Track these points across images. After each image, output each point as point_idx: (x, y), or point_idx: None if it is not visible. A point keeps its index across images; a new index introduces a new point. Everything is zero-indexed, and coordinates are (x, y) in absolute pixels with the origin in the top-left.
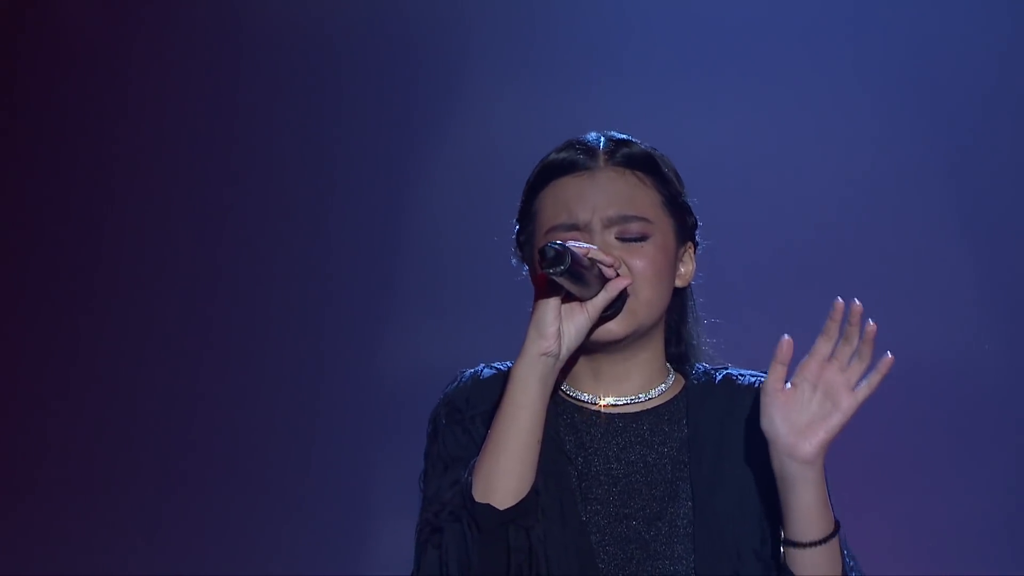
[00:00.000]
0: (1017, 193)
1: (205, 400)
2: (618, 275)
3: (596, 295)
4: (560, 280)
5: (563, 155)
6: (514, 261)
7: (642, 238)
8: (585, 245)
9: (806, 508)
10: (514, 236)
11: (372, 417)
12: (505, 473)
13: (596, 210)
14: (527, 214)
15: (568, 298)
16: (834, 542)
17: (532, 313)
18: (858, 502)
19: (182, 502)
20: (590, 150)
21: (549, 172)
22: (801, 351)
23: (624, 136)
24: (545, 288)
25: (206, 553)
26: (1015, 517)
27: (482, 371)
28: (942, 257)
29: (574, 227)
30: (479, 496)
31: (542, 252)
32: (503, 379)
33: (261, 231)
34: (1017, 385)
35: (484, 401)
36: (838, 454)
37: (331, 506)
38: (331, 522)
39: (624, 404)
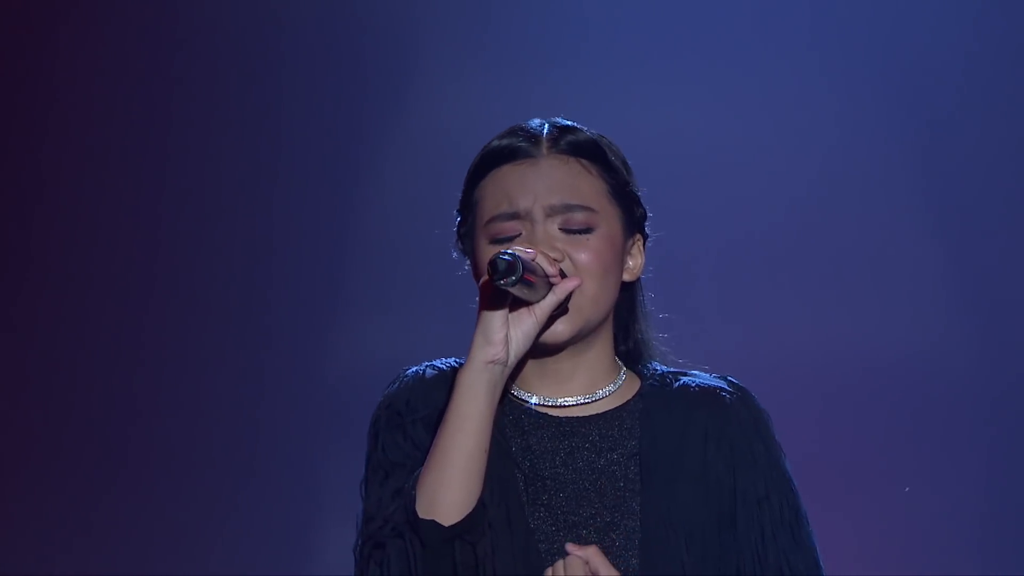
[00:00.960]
0: (985, 188)
1: (142, 401)
2: (564, 275)
3: (543, 298)
4: (510, 290)
5: (504, 142)
6: (455, 254)
7: (587, 229)
8: (531, 250)
9: None
10: (455, 228)
11: (317, 417)
12: (450, 487)
13: (538, 198)
14: (468, 204)
15: (515, 301)
16: None
17: (478, 318)
18: (826, 500)
19: (120, 504)
20: (533, 137)
21: (490, 160)
22: (766, 347)
23: (569, 123)
24: (491, 292)
25: (146, 554)
26: (983, 515)
27: (424, 371)
28: (909, 252)
29: (515, 216)
30: (423, 511)
31: (492, 264)
32: (446, 380)
33: (204, 226)
34: (985, 381)
35: (426, 404)
36: (807, 451)
37: (274, 511)
38: (274, 528)
39: (572, 405)
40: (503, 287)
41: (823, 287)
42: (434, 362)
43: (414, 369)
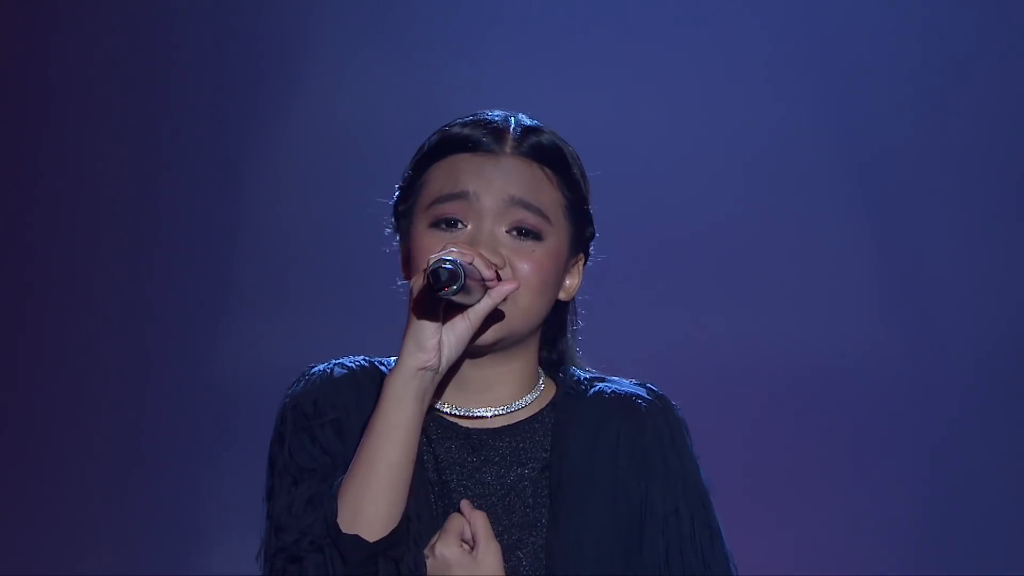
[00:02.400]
0: (918, 188)
1: (25, 399)
2: (500, 278)
3: (478, 301)
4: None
5: (466, 132)
6: (388, 231)
7: (536, 236)
8: (468, 253)
9: None
10: (392, 203)
11: (207, 421)
12: (375, 500)
13: (493, 188)
14: (412, 184)
15: (449, 305)
16: None
17: (408, 322)
18: (757, 504)
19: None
20: (498, 132)
21: (448, 146)
22: (696, 353)
23: (535, 123)
24: (423, 295)
25: (25, 555)
26: (916, 517)
27: (332, 370)
28: (842, 255)
29: (463, 197)
30: (346, 525)
31: (434, 274)
32: (356, 380)
33: (87, 220)
34: (917, 384)
35: (336, 405)
36: (738, 456)
37: (159, 512)
38: (159, 536)
39: (485, 417)
40: (445, 296)
41: (754, 290)
42: (342, 360)
43: (320, 367)
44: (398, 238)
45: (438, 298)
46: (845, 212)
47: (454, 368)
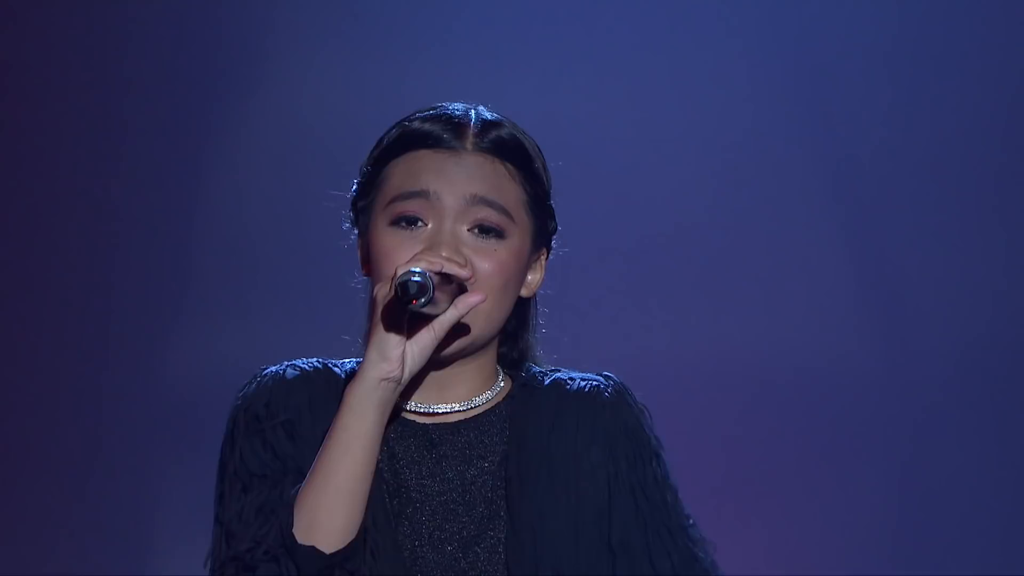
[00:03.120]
0: (888, 191)
1: None
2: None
3: (444, 311)
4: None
5: (427, 127)
6: (346, 225)
7: (498, 234)
8: (436, 261)
9: None
10: (351, 195)
11: (163, 420)
12: (333, 511)
13: (455, 186)
14: (373, 180)
15: (414, 315)
16: None
17: (371, 331)
18: (731, 505)
19: None
20: (458, 127)
21: (408, 142)
22: (664, 356)
23: (495, 117)
24: (390, 304)
25: None
26: (891, 517)
27: (285, 371)
28: (817, 258)
29: (423, 195)
30: (302, 536)
31: (403, 286)
32: (309, 382)
33: (43, 216)
34: (892, 383)
35: (288, 407)
36: (713, 456)
37: (111, 513)
38: (113, 536)
39: (444, 413)
40: (413, 309)
41: (728, 291)
42: (295, 362)
43: (273, 369)
44: (356, 232)
45: (405, 309)
46: (820, 213)
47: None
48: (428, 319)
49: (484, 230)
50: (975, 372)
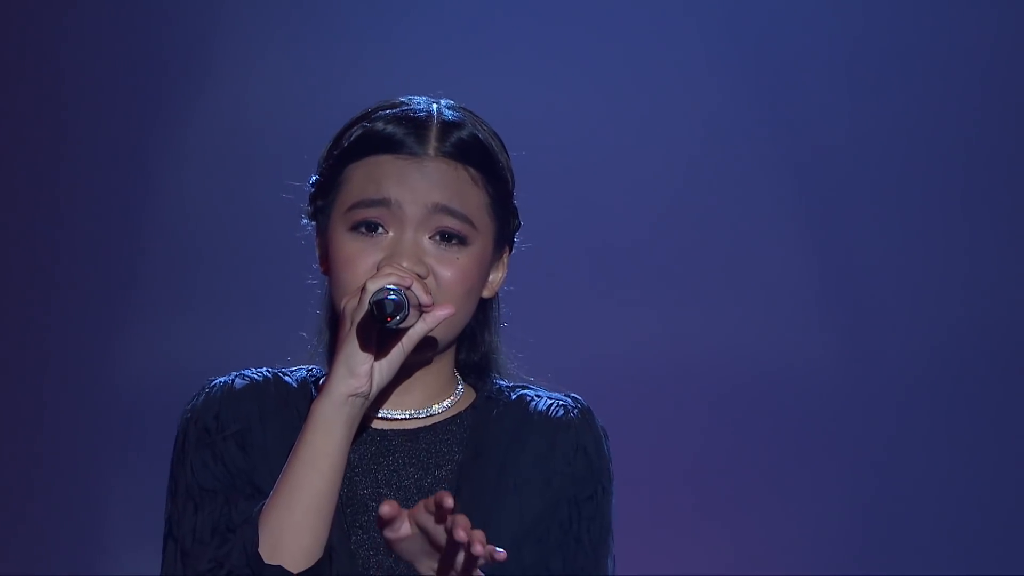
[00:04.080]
0: (856, 189)
1: None
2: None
3: (413, 324)
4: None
5: (389, 130)
6: (304, 220)
7: (461, 241)
8: (406, 277)
9: None
10: (309, 190)
11: (108, 423)
12: (298, 530)
13: (416, 194)
14: (332, 180)
15: (383, 330)
16: None
17: (340, 346)
18: (699, 509)
19: None
20: (420, 132)
21: (369, 145)
22: (629, 358)
23: (457, 116)
24: (364, 321)
25: None
26: (860, 519)
27: (233, 381)
28: (778, 256)
29: (384, 203)
30: (268, 555)
31: (379, 304)
32: (259, 391)
33: None
34: (859, 386)
35: (238, 417)
36: (679, 460)
37: (60, 521)
38: (58, 540)
39: (402, 419)
40: (390, 326)
41: (690, 292)
42: (244, 371)
43: (221, 379)
44: (314, 224)
45: (379, 327)
46: (782, 212)
47: None
48: (399, 333)
49: (446, 237)
50: (943, 372)
